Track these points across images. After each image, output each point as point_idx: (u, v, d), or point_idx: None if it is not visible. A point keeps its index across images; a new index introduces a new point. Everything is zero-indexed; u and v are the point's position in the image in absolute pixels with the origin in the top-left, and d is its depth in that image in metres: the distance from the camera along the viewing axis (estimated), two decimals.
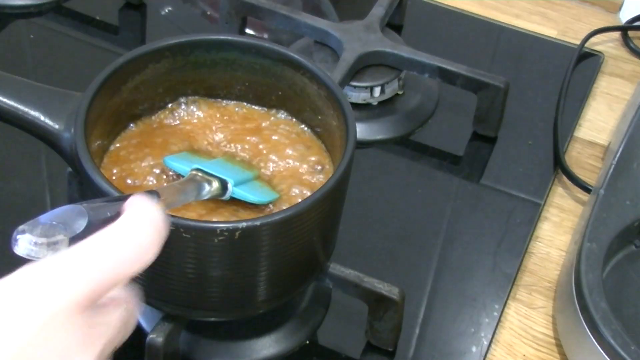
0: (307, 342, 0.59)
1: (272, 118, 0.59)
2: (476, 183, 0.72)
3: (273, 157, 0.56)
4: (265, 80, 0.58)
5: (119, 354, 0.59)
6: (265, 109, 0.59)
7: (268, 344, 0.58)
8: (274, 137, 0.57)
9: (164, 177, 0.53)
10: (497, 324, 0.62)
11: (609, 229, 0.60)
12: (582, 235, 0.60)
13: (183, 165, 0.51)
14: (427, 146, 0.75)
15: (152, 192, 0.41)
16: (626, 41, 0.86)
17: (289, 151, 0.56)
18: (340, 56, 0.74)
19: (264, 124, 0.58)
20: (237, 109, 0.59)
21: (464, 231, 0.68)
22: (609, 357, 0.54)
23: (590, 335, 0.55)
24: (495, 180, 0.72)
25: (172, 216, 0.44)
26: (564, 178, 0.72)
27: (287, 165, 0.55)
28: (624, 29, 0.87)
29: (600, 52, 0.85)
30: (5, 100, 0.51)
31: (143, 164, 0.54)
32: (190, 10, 0.89)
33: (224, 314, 0.54)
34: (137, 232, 0.36)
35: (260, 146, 0.56)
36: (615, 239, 0.60)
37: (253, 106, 0.59)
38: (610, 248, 0.60)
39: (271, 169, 0.55)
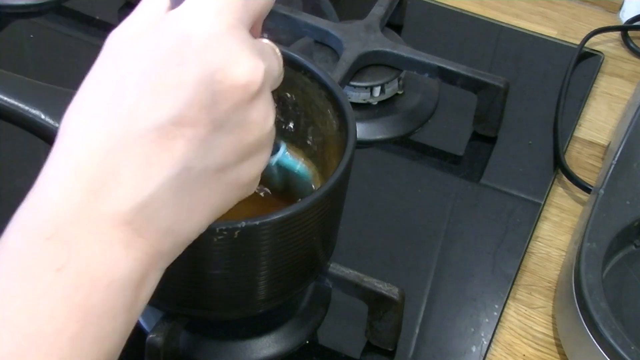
0: (307, 342, 0.59)
1: None
2: (476, 183, 0.72)
3: None
4: None
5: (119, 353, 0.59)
6: None
7: (268, 344, 0.58)
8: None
9: None
10: (497, 324, 0.62)
11: (609, 229, 0.60)
12: (582, 235, 0.60)
13: None
14: (427, 146, 0.75)
15: None
16: (626, 41, 0.86)
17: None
18: (340, 56, 0.74)
19: None
20: None
21: (464, 231, 0.68)
22: (608, 357, 0.54)
23: (590, 335, 0.55)
24: (495, 180, 0.72)
25: None
26: (564, 178, 0.72)
27: None
28: (624, 29, 0.87)
29: (600, 52, 0.85)
30: (5, 98, 0.51)
31: None
32: None
33: (224, 314, 0.54)
34: None
35: None
36: (615, 239, 0.60)
37: None
38: (610, 248, 0.59)
39: None
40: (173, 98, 0.34)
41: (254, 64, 0.36)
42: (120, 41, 0.37)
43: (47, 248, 0.34)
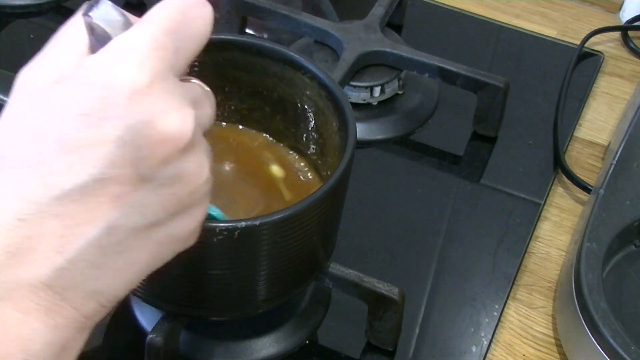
0: (307, 342, 0.59)
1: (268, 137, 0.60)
2: (476, 183, 0.72)
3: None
4: (265, 80, 0.58)
5: (119, 353, 0.60)
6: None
7: (268, 344, 0.58)
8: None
9: None
10: (497, 324, 0.62)
11: (609, 229, 0.60)
12: (582, 235, 0.60)
13: None
14: (427, 146, 0.75)
15: None
16: (626, 41, 0.86)
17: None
18: (340, 56, 0.74)
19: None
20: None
21: (464, 231, 0.68)
22: (608, 357, 0.54)
23: (590, 335, 0.55)
24: (495, 180, 0.72)
25: None
26: (564, 178, 0.72)
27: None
28: (624, 29, 0.87)
29: (600, 52, 0.85)
30: (5, 98, 0.51)
31: None
32: None
33: (224, 314, 0.54)
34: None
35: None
36: (615, 239, 0.60)
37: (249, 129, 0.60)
38: (610, 248, 0.59)
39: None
40: (95, 156, 0.32)
41: (183, 116, 0.34)
42: (36, 86, 0.34)
43: None
